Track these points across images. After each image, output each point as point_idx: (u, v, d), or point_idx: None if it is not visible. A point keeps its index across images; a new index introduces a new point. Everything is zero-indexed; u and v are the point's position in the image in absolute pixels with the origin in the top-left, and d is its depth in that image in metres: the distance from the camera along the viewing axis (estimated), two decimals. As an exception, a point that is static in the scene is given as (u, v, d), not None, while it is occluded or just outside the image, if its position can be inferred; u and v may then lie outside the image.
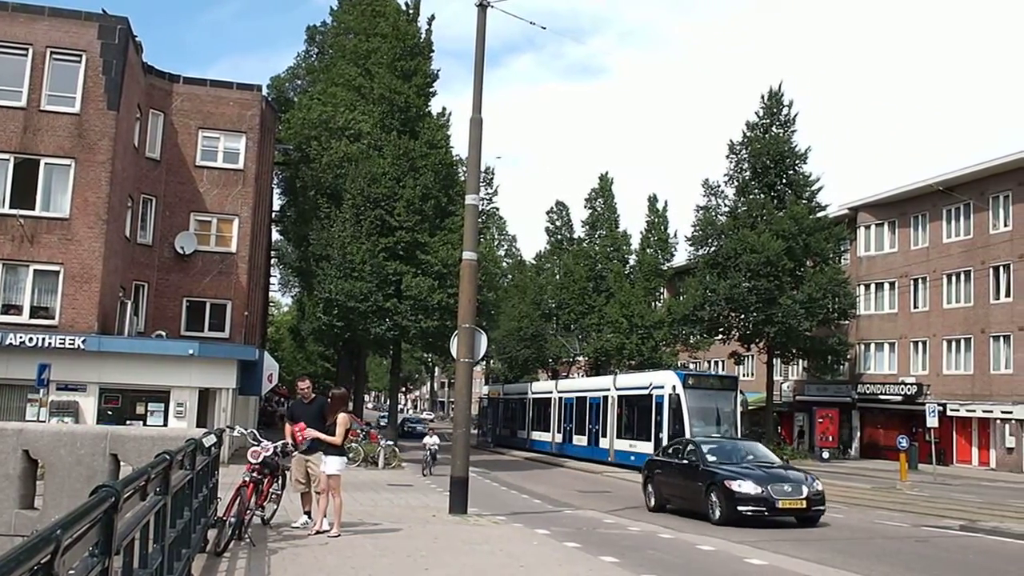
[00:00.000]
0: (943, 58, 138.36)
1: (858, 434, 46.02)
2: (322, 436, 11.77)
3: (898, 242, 43.87)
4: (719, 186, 44.32)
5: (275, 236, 49.63)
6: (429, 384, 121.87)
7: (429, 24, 37.92)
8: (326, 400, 12.41)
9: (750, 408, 51.50)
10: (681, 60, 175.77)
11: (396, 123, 35.21)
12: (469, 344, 15.56)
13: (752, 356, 48.62)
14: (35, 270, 25.15)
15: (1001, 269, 37.94)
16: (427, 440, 27.70)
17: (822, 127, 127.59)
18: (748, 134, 43.43)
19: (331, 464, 11.56)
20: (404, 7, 38.26)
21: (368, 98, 37.07)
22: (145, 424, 24.30)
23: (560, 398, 42.01)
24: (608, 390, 36.28)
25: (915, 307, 42.74)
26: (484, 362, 62.99)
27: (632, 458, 31.69)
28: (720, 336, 44.79)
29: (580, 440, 38.67)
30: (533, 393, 46.81)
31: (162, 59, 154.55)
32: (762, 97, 43.63)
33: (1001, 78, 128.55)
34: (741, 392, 33.43)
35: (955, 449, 39.54)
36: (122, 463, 12.19)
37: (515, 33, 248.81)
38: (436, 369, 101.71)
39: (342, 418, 11.81)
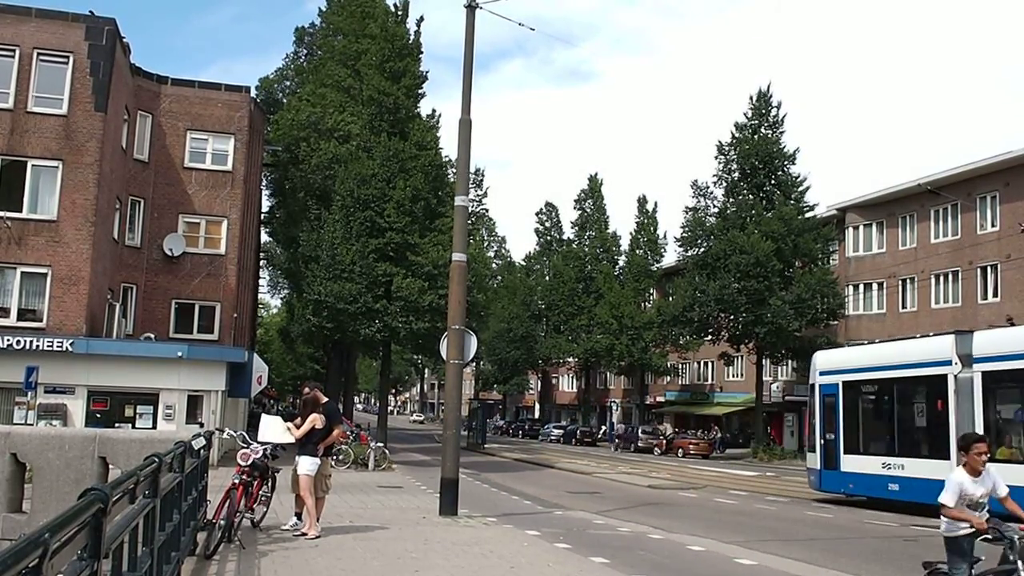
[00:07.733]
0: (931, 59, 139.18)
1: (847, 434, 45.96)
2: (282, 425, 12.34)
3: (886, 242, 44.03)
4: (708, 187, 44.50)
5: (264, 238, 49.50)
6: (419, 385, 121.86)
7: (418, 25, 37.87)
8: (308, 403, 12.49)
9: (740, 409, 51.85)
10: (670, 64, 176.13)
11: (385, 124, 35.12)
12: (459, 345, 15.54)
13: (742, 357, 48.75)
14: (22, 272, 25.02)
15: (989, 269, 38.11)
16: None
17: (810, 128, 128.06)
18: (737, 135, 43.56)
19: (300, 464, 11.84)
20: (393, 8, 38.21)
21: (357, 99, 37.01)
22: (134, 427, 24.17)
23: None
24: None
25: (903, 307, 42.89)
26: (473, 363, 62.94)
27: None
28: (710, 337, 44.91)
29: None
30: None
31: (154, 63, 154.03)
32: (750, 99, 43.82)
33: (989, 80, 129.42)
34: None
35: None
36: (111, 466, 12.13)
37: (506, 39, 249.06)
38: (426, 370, 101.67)
39: (312, 417, 11.95)
